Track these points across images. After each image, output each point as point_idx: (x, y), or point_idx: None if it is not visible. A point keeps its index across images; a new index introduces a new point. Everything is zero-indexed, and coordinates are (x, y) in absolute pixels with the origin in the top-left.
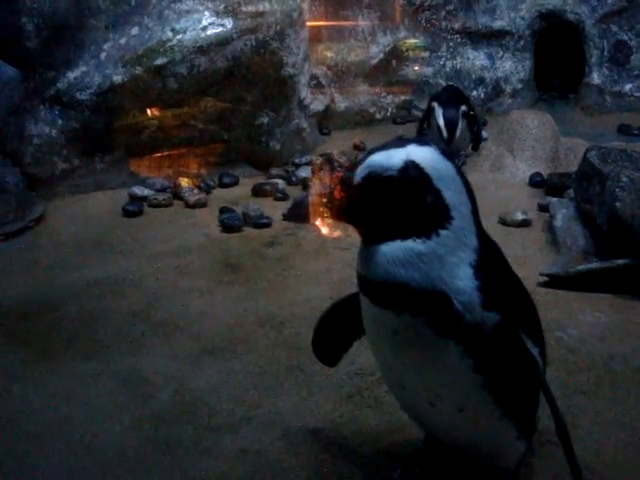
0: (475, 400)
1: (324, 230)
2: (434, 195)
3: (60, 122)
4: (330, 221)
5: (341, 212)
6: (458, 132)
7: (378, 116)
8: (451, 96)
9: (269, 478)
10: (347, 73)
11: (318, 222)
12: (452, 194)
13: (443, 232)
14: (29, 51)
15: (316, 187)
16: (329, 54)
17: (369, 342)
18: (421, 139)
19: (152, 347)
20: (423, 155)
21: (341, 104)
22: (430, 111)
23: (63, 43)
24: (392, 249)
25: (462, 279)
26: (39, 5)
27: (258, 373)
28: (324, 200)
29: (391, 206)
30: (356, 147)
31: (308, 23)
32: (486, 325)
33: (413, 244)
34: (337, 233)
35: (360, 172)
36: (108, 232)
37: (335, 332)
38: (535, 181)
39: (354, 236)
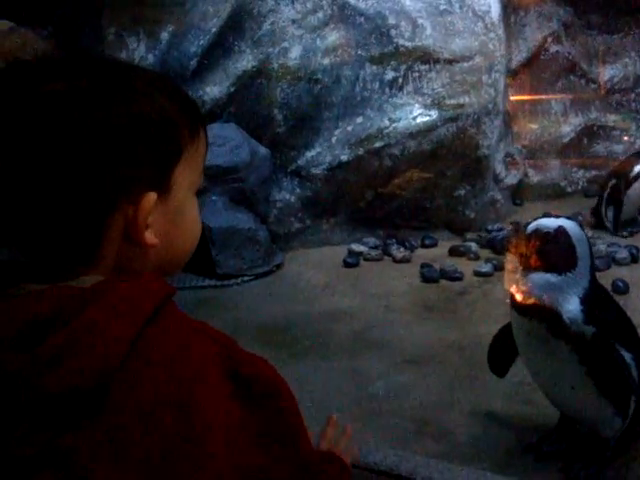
0: (581, 382)
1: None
2: (571, 249)
3: (298, 191)
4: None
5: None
6: None
7: (569, 189)
8: None
9: (443, 438)
10: (540, 150)
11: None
12: (581, 251)
13: (569, 274)
14: (278, 135)
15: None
16: (523, 133)
17: (518, 347)
18: (569, 217)
19: (367, 355)
20: (569, 224)
21: (534, 178)
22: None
23: (303, 129)
24: (538, 277)
25: (571, 304)
26: (287, 101)
27: (444, 377)
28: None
29: (544, 251)
30: None
31: (504, 105)
32: (586, 334)
33: (550, 277)
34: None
35: (530, 227)
36: (332, 278)
37: (502, 350)
38: None
39: None
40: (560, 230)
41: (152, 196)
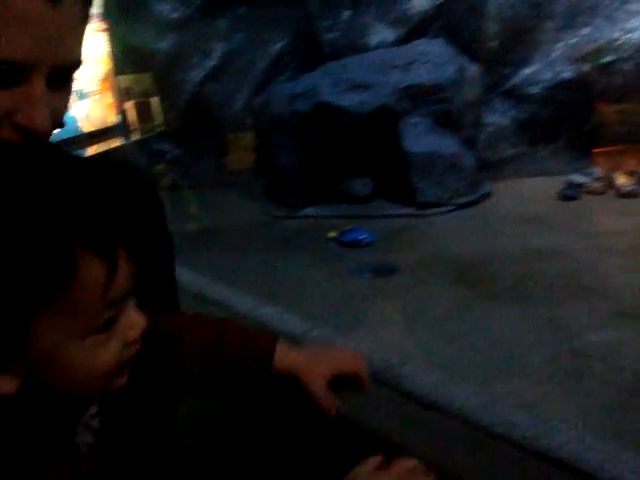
0: None
1: None
2: None
3: (511, 113)
4: None
5: None
6: None
7: None
8: None
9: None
10: None
11: None
12: None
13: None
14: (490, 51)
15: None
16: None
17: None
18: None
19: (574, 304)
20: None
21: None
22: None
23: (519, 44)
24: None
25: None
26: (502, 11)
27: None
28: None
29: None
30: None
31: None
32: None
33: None
34: None
35: None
36: (544, 212)
37: None
38: None
39: None
40: None
41: None
